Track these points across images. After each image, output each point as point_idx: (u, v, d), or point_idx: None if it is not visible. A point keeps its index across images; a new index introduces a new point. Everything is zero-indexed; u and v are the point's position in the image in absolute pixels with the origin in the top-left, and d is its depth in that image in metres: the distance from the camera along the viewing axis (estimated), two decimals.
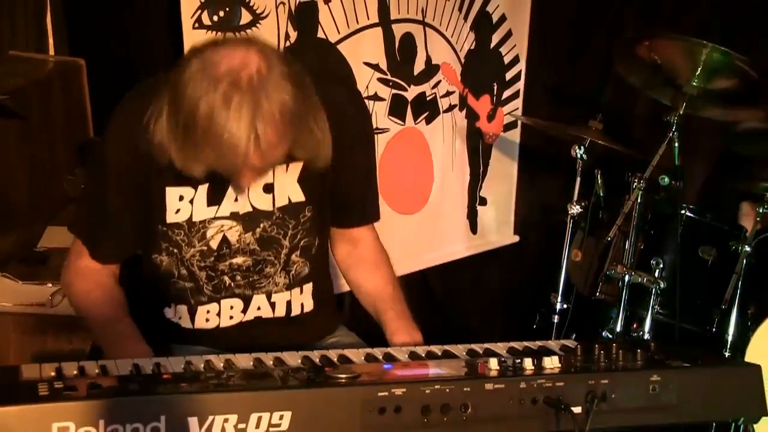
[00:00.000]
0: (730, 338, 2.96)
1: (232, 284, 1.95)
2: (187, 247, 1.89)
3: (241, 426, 1.30)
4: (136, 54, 3.22)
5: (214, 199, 1.87)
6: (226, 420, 1.29)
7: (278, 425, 1.31)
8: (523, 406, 1.46)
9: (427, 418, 1.40)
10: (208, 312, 1.97)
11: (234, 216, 1.89)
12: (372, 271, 2.11)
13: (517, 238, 4.15)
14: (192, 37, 2.72)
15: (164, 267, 1.93)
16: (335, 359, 1.62)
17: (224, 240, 1.90)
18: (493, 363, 1.49)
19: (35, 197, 2.86)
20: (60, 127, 3.12)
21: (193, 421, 1.27)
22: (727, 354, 2.92)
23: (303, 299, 2.05)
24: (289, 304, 2.02)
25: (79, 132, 3.25)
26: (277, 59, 1.62)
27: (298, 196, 1.93)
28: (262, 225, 1.91)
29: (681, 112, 2.90)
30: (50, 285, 2.40)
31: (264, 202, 1.90)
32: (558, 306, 3.28)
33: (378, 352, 1.69)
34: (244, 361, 1.59)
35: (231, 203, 1.88)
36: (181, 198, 1.85)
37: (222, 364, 1.56)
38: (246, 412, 1.30)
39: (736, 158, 3.25)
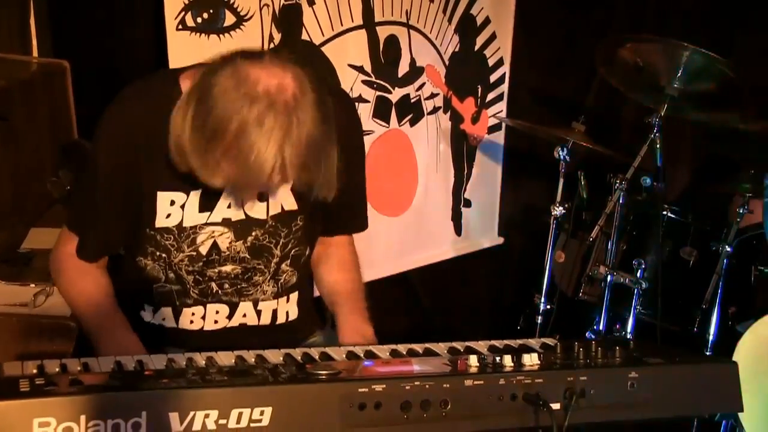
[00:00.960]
0: (711, 338, 2.99)
1: (220, 291, 1.95)
2: (176, 251, 1.89)
3: (222, 421, 1.30)
4: (121, 56, 3.22)
5: (207, 205, 1.86)
6: (206, 415, 1.29)
7: (259, 421, 1.32)
8: (502, 403, 1.47)
9: (407, 414, 1.41)
10: (192, 314, 1.97)
11: (226, 222, 1.89)
12: (337, 269, 2.11)
13: (501, 240, 4.17)
14: (175, 39, 2.73)
15: (148, 270, 1.93)
16: (317, 357, 1.63)
17: (214, 246, 1.89)
18: (473, 360, 1.51)
19: (19, 199, 2.86)
20: (43, 128, 3.10)
21: (174, 417, 1.28)
22: (708, 353, 2.95)
23: (289, 307, 2.06)
24: (275, 312, 2.03)
25: (63, 134, 3.24)
26: (309, 85, 1.63)
27: (291, 205, 1.94)
28: (254, 233, 1.91)
29: (663, 114, 2.93)
30: (33, 285, 2.39)
31: (258, 211, 1.90)
32: (542, 307, 3.31)
33: (359, 350, 1.70)
34: (226, 358, 1.60)
35: (223, 210, 1.87)
36: (172, 203, 1.84)
37: (204, 362, 1.57)
38: (227, 407, 1.31)
39: (718, 160, 3.27)
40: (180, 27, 2.74)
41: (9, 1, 3.16)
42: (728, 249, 2.96)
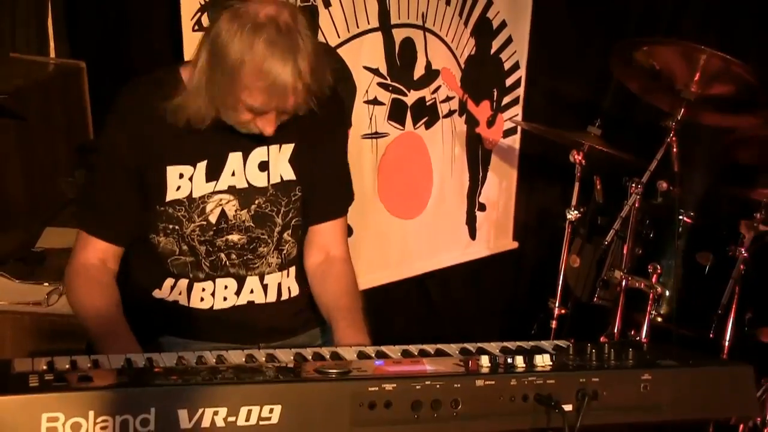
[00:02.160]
0: (727, 343, 2.95)
1: (228, 262, 2.01)
2: (188, 222, 1.97)
3: (231, 419, 1.30)
4: (137, 57, 3.23)
5: (212, 175, 1.95)
6: (215, 413, 1.29)
7: (268, 419, 1.31)
8: (513, 403, 1.45)
9: (418, 414, 1.40)
10: (203, 290, 2.03)
11: (231, 190, 1.97)
12: (334, 282, 2.12)
13: (516, 245, 4.15)
14: (192, 40, 2.74)
15: (162, 247, 1.99)
16: (327, 356, 1.62)
17: (222, 214, 1.98)
18: (485, 360, 1.49)
19: (34, 198, 2.87)
20: (59, 128, 3.12)
21: (183, 414, 1.27)
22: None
23: (290, 283, 2.13)
24: (279, 286, 2.09)
25: (79, 134, 3.26)
26: (297, 11, 1.79)
27: (290, 174, 2.02)
28: (257, 201, 2.00)
29: (679, 118, 2.91)
30: (47, 284, 2.40)
31: (259, 179, 1.99)
32: (556, 311, 3.29)
33: (371, 350, 1.69)
34: (236, 357, 1.60)
35: (228, 178, 1.96)
36: (181, 176, 1.93)
37: (214, 360, 1.57)
38: (236, 405, 1.30)
39: (734, 165, 3.25)
40: (196, 28, 2.75)
41: (27, 2, 3.19)
42: (744, 254, 2.93)
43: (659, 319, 3.00)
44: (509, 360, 1.51)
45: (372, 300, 2.27)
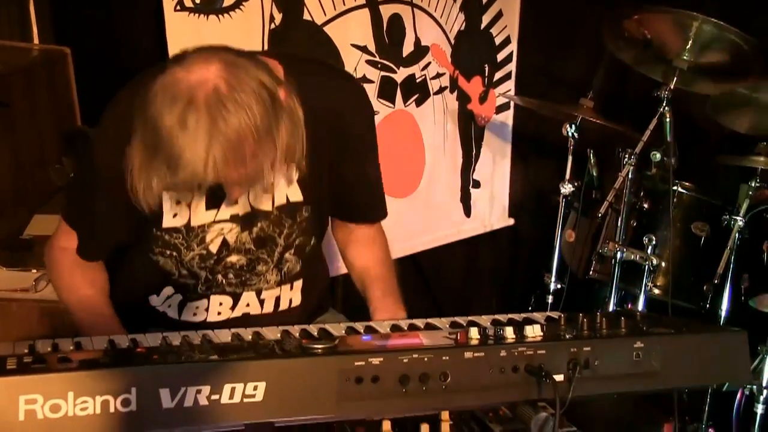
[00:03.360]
0: (723, 313, 2.93)
1: (224, 281, 1.92)
2: (186, 250, 1.86)
3: (215, 397, 1.27)
4: (121, 40, 3.20)
5: (214, 202, 1.81)
6: (198, 391, 1.26)
7: (252, 396, 1.29)
8: (504, 375, 1.43)
9: (406, 388, 1.37)
10: (196, 308, 1.95)
11: (234, 218, 1.85)
12: (366, 250, 2.11)
13: (511, 221, 4.12)
14: (174, 20, 2.70)
15: (162, 265, 1.89)
16: (315, 333, 1.60)
17: (224, 243, 1.86)
18: (474, 332, 1.47)
19: (21, 185, 2.84)
20: (46, 115, 3.09)
21: (164, 393, 1.24)
22: None
23: (292, 295, 2.03)
24: (278, 299, 2.00)
25: (66, 120, 3.22)
26: (244, 71, 1.53)
27: (296, 196, 1.90)
28: (259, 224, 1.87)
29: (672, 87, 2.87)
30: (34, 271, 2.38)
31: (263, 203, 1.85)
32: (552, 286, 3.26)
33: (359, 325, 1.67)
34: (222, 336, 1.57)
35: (231, 206, 1.83)
36: (178, 202, 1.80)
37: (199, 339, 1.54)
38: (219, 382, 1.27)
39: (729, 134, 3.21)
40: (178, 8, 2.71)
41: None
42: (740, 223, 2.90)
43: (655, 291, 2.97)
44: (499, 331, 1.48)
45: None
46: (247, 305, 1.96)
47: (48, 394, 1.20)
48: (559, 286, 3.26)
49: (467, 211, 3.93)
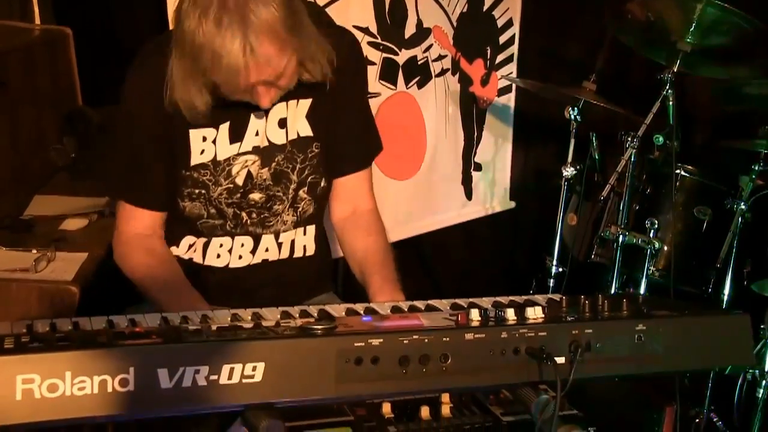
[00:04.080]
0: (725, 298, 2.92)
1: (248, 221, 2.03)
2: (214, 186, 1.98)
3: (213, 377, 1.26)
4: (122, 21, 3.19)
5: (236, 136, 1.95)
6: (197, 371, 1.25)
7: (251, 376, 1.28)
8: (504, 357, 1.42)
9: (406, 369, 1.36)
10: (221, 246, 2.05)
11: (256, 150, 1.98)
12: (365, 235, 2.14)
13: (513, 204, 4.11)
14: (175, 2, 2.67)
15: (188, 211, 2.00)
16: (314, 313, 1.59)
17: (248, 175, 1.99)
18: (474, 314, 1.45)
19: (21, 165, 2.83)
20: (46, 95, 3.08)
21: (162, 373, 1.23)
22: None
23: (306, 241, 2.13)
24: (293, 244, 2.11)
25: (67, 101, 3.21)
26: None
27: (306, 131, 2.02)
28: (276, 159, 2.00)
29: (675, 70, 2.85)
30: (35, 251, 2.37)
31: (278, 137, 1.99)
32: (553, 270, 3.25)
33: (359, 307, 1.66)
34: (222, 317, 1.56)
35: (252, 138, 1.97)
36: (204, 139, 1.94)
37: (198, 319, 1.53)
38: (218, 363, 1.26)
39: (732, 117, 3.20)
40: None
41: None
42: (743, 207, 2.88)
43: (657, 275, 2.96)
44: (500, 313, 1.47)
45: None
46: (266, 250, 2.07)
47: (45, 374, 1.19)
48: (560, 269, 3.24)
49: (468, 194, 3.91)
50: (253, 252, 2.07)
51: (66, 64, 3.23)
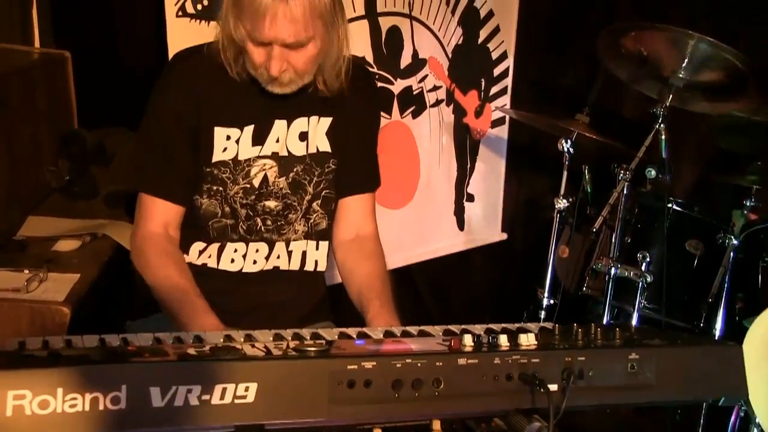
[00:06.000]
0: (717, 333, 2.92)
1: (263, 227, 2.09)
2: (232, 184, 2.04)
3: (205, 397, 1.25)
4: (121, 45, 3.20)
5: (258, 139, 2.04)
6: (189, 390, 1.25)
7: (243, 397, 1.27)
8: (497, 383, 1.41)
9: (398, 393, 1.36)
10: (235, 251, 2.09)
11: (274, 156, 2.05)
12: (367, 259, 2.19)
13: (505, 236, 4.12)
14: (175, 26, 2.71)
15: (204, 209, 2.05)
16: (307, 336, 1.58)
17: (265, 179, 2.06)
18: (468, 339, 1.46)
19: (15, 186, 2.82)
20: (43, 117, 3.08)
21: (155, 391, 1.23)
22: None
23: (318, 256, 2.18)
24: (304, 255, 2.16)
25: (63, 123, 3.22)
26: None
27: (326, 146, 2.11)
28: (295, 169, 2.08)
29: (667, 105, 2.87)
30: (26, 272, 2.36)
31: (298, 148, 2.08)
32: (545, 302, 3.26)
33: (352, 331, 1.65)
34: (214, 338, 1.56)
35: (273, 144, 2.05)
36: (228, 138, 2.01)
37: (191, 339, 1.53)
38: (210, 383, 1.26)
39: (724, 152, 3.22)
40: (180, 13, 2.71)
41: None
42: (735, 242, 2.90)
43: (649, 309, 2.96)
44: (493, 339, 1.47)
45: None
46: (278, 257, 2.13)
47: (37, 390, 1.18)
48: (552, 302, 3.25)
49: (461, 225, 3.93)
50: (267, 258, 2.13)
51: (64, 87, 3.24)
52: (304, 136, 2.08)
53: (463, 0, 3.65)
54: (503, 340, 1.47)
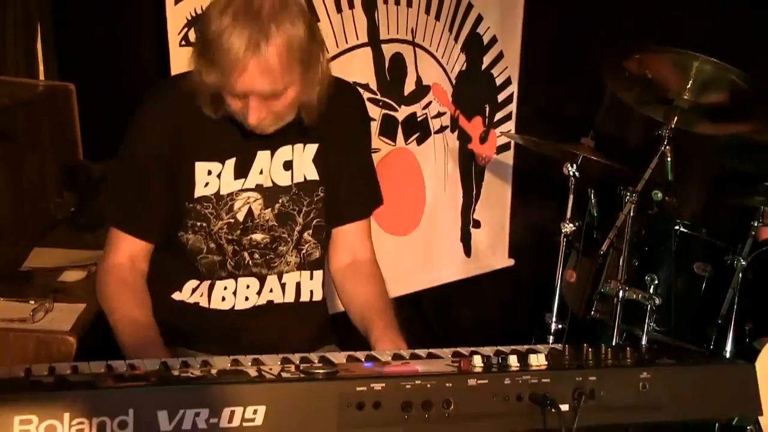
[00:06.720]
0: (727, 355, 2.90)
1: (251, 262, 2.03)
2: (215, 219, 1.98)
3: (213, 420, 1.24)
4: (126, 76, 3.22)
5: (241, 172, 1.97)
6: (197, 414, 1.24)
7: (252, 420, 1.26)
8: (508, 403, 1.40)
9: (408, 415, 1.35)
10: (225, 289, 2.03)
11: (259, 188, 1.99)
12: (366, 283, 2.14)
13: (512, 262, 4.10)
14: (178, 55, 2.72)
15: (191, 245, 2.00)
16: (315, 360, 1.57)
17: (249, 212, 2.00)
18: (477, 360, 1.45)
19: (21, 218, 2.83)
20: (48, 149, 3.10)
21: (162, 415, 1.22)
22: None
23: (313, 286, 2.12)
24: (298, 286, 2.09)
25: (68, 155, 3.23)
26: (295, 5, 1.77)
27: (313, 174, 2.04)
28: (280, 200, 2.01)
29: (672, 126, 2.87)
30: (32, 302, 2.35)
31: (283, 179, 2.01)
32: (553, 326, 3.23)
33: (360, 354, 1.64)
34: (221, 363, 1.54)
35: (257, 176, 1.98)
36: (209, 172, 1.95)
37: (198, 364, 1.52)
38: (218, 406, 1.25)
39: (731, 173, 3.21)
40: (183, 43, 2.73)
41: (16, 24, 3.18)
42: (743, 263, 2.88)
43: (658, 332, 2.94)
44: (503, 360, 1.46)
45: None
46: (271, 291, 2.06)
47: (43, 416, 1.18)
48: (560, 326, 3.23)
49: (467, 251, 3.91)
50: (259, 293, 2.06)
51: (68, 119, 3.25)
52: (288, 165, 2.01)
53: (467, 26, 3.66)
54: (513, 361, 1.46)
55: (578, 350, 1.59)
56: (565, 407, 1.42)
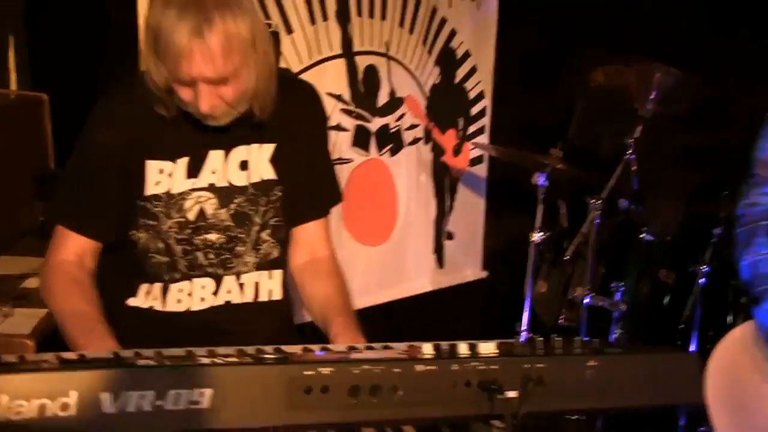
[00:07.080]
0: None
1: (205, 261, 2.01)
2: (165, 218, 1.96)
3: (159, 403, 1.24)
4: (99, 86, 3.23)
5: (193, 171, 1.96)
6: (141, 396, 1.24)
7: (198, 402, 1.26)
8: (456, 389, 1.41)
9: (356, 399, 1.35)
10: (180, 291, 2.01)
11: (212, 188, 1.97)
12: (326, 280, 2.14)
13: (485, 274, 4.12)
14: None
15: (141, 244, 1.99)
16: (270, 351, 1.57)
17: (201, 212, 1.98)
18: (427, 347, 1.46)
19: None
20: (18, 158, 3.09)
21: (105, 397, 1.22)
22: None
23: (272, 285, 2.10)
24: (257, 286, 2.08)
25: (38, 165, 3.23)
26: None
27: (270, 174, 2.03)
28: (236, 201, 2.00)
29: (636, 136, 2.92)
30: None
31: (239, 179, 2.00)
32: (523, 336, 3.25)
33: (315, 347, 1.64)
34: (174, 352, 1.55)
35: (209, 175, 1.97)
36: (161, 171, 1.94)
37: (151, 353, 1.52)
38: (163, 388, 1.25)
39: (694, 182, 3.26)
40: None
41: None
42: (705, 269, 2.91)
43: (623, 338, 2.96)
44: (452, 347, 1.47)
45: None
46: (228, 291, 2.05)
47: None
48: (530, 335, 3.24)
49: (440, 263, 3.93)
50: (216, 293, 2.05)
51: (39, 129, 3.26)
52: (245, 165, 2.00)
53: (440, 40, 3.71)
54: (463, 348, 1.47)
55: (530, 340, 1.60)
56: (513, 394, 1.43)
